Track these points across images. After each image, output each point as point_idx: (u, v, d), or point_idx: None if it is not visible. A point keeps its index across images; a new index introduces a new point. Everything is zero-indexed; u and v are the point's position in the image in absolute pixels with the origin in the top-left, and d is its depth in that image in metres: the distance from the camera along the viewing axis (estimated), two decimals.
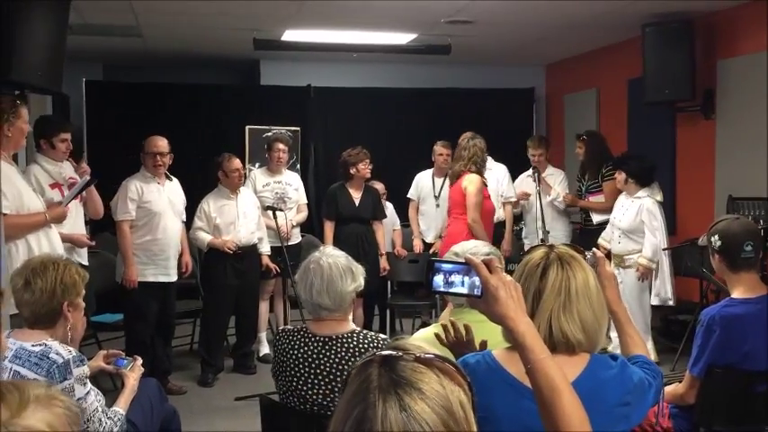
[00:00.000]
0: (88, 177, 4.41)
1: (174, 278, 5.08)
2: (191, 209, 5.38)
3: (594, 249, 2.11)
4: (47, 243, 3.82)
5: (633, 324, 2.07)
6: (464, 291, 1.50)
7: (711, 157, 6.07)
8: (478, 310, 1.52)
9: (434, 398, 1.00)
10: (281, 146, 5.88)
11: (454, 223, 5.33)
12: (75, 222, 4.47)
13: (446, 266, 1.51)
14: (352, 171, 5.73)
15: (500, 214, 6.19)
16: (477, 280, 1.48)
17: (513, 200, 6.31)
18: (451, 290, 1.51)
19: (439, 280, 1.50)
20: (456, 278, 1.50)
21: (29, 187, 3.90)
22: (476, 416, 1.06)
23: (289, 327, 2.69)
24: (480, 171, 5.32)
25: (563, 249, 1.84)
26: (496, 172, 6.24)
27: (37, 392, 1.20)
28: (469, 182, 5.21)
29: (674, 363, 5.30)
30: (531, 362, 1.44)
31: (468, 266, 1.49)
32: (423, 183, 6.45)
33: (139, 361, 3.01)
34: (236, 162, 5.41)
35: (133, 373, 2.95)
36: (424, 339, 2.52)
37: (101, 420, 2.61)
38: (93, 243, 4.70)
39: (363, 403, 1.00)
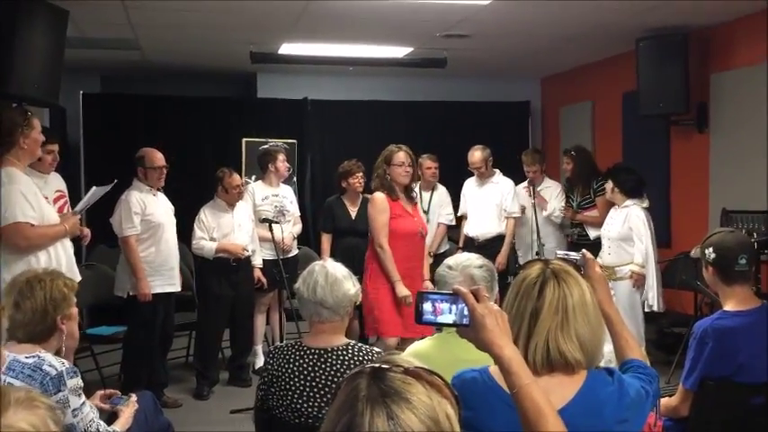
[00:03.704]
0: (95, 188, 4.38)
1: (178, 288, 5.12)
2: (187, 221, 5.40)
3: (584, 251, 2.12)
4: (63, 255, 3.89)
5: (627, 326, 2.06)
6: (452, 319, 1.55)
7: (705, 171, 6.10)
8: (466, 338, 1.55)
9: (422, 408, 1.02)
10: (283, 157, 5.93)
11: (369, 250, 4.68)
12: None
13: (434, 296, 1.57)
14: (344, 184, 5.75)
15: (501, 228, 6.18)
16: (464, 308, 1.53)
17: (516, 215, 6.18)
18: (440, 320, 1.55)
19: (428, 309, 1.55)
20: (444, 306, 1.54)
21: (44, 200, 3.96)
22: (462, 427, 1.07)
23: (282, 344, 2.72)
24: (385, 186, 4.58)
25: (558, 265, 1.83)
26: (502, 186, 6.19)
27: (17, 395, 1.23)
28: (370, 202, 4.62)
29: (668, 375, 5.30)
30: (516, 387, 1.48)
31: (455, 296, 1.54)
32: None
33: (134, 397, 3.05)
34: (237, 178, 5.46)
35: (128, 408, 2.97)
36: (416, 354, 2.53)
37: (98, 431, 2.61)
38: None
39: (351, 411, 1.02)
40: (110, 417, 2.89)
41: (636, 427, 1.81)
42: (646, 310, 5.26)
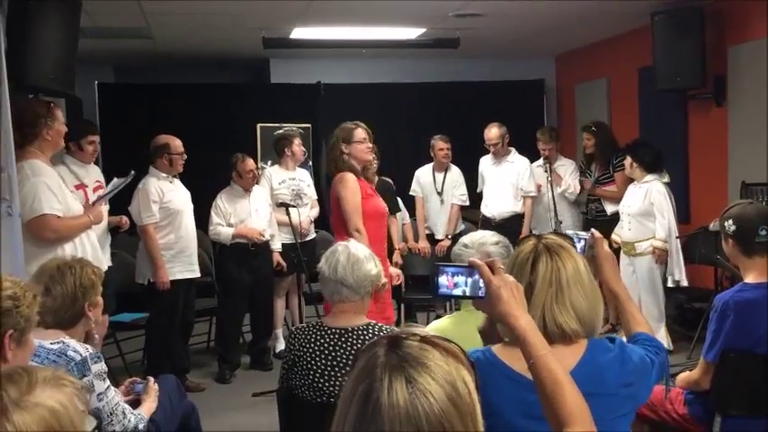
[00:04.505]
0: (115, 179, 4.48)
1: (198, 274, 5.15)
2: (204, 207, 5.43)
3: (593, 230, 2.13)
4: (88, 244, 3.95)
5: (634, 302, 2.08)
6: (467, 292, 1.55)
7: (724, 144, 6.03)
8: (482, 311, 1.56)
9: (439, 373, 1.03)
10: (299, 141, 5.95)
11: (338, 236, 4.05)
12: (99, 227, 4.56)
13: (449, 269, 1.57)
14: None
15: (517, 207, 6.19)
16: (480, 281, 1.54)
17: (533, 194, 6.20)
18: (455, 292, 1.56)
19: (443, 282, 1.56)
20: (459, 279, 1.55)
21: (68, 191, 4.03)
22: (479, 394, 1.08)
23: (303, 324, 2.74)
24: (342, 168, 4.08)
25: (551, 239, 1.85)
26: (518, 165, 6.21)
27: (45, 374, 1.27)
28: (339, 182, 4.05)
29: (690, 350, 5.29)
30: (533, 357, 1.49)
31: (470, 268, 1.55)
32: (424, 179, 6.46)
33: (151, 380, 3.09)
34: (250, 163, 5.48)
35: (149, 393, 3.01)
36: (435, 331, 2.54)
37: (124, 413, 2.65)
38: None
39: (370, 377, 1.04)
40: (134, 405, 2.93)
41: (641, 391, 1.83)
42: (671, 285, 5.24)
